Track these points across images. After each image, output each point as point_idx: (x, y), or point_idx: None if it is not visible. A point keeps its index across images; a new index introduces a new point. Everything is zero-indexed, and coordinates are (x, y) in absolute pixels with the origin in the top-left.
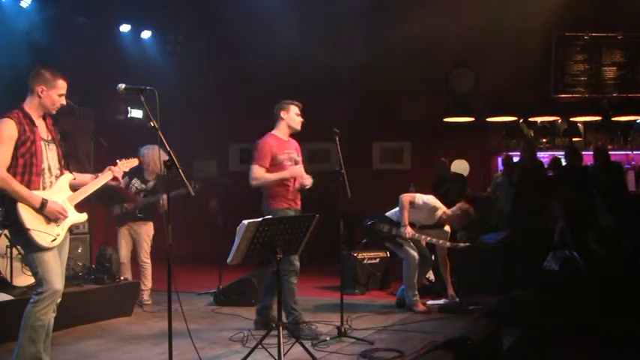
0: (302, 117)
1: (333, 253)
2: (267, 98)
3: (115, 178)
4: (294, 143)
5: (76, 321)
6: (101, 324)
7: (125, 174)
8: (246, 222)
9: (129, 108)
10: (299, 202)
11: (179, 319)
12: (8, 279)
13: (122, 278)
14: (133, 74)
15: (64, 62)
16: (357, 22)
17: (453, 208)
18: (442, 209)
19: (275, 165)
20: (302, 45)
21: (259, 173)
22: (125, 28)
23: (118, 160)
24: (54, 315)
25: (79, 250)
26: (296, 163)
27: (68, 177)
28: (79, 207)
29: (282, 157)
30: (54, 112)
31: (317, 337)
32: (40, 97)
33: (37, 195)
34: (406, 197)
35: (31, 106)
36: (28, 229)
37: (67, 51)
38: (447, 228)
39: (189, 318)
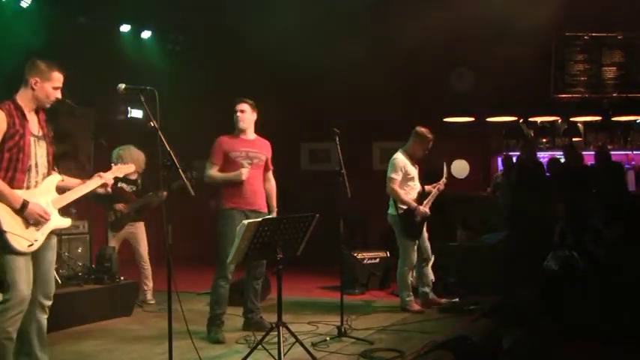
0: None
1: (333, 253)
2: (268, 98)
3: (104, 185)
4: (261, 142)
5: (76, 321)
6: (101, 324)
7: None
8: (246, 222)
9: (129, 108)
10: (259, 203)
11: (179, 319)
12: None
13: (122, 278)
14: (133, 74)
15: (64, 62)
16: (357, 22)
17: (408, 142)
18: (399, 153)
19: (229, 162)
20: (303, 45)
21: (209, 171)
22: (125, 28)
23: (112, 165)
24: (46, 316)
25: (79, 250)
26: (251, 161)
27: (56, 178)
28: (79, 207)
29: (235, 155)
30: (48, 105)
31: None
32: (33, 89)
33: (19, 195)
34: (393, 187)
35: (23, 99)
36: (5, 232)
37: (67, 51)
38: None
39: (189, 318)
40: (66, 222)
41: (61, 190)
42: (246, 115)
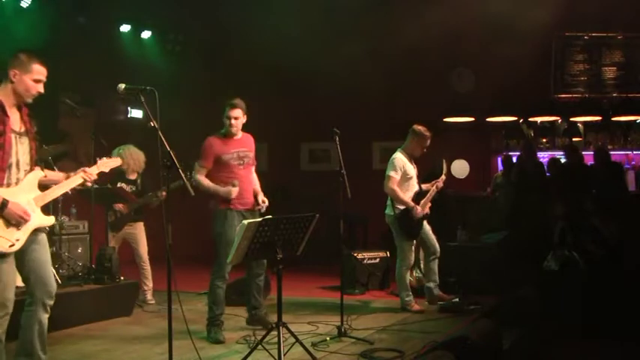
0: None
1: (333, 253)
2: (268, 98)
3: (84, 182)
4: (247, 139)
5: (76, 321)
6: (101, 324)
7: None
8: (246, 222)
9: (129, 108)
10: (250, 201)
11: (179, 319)
12: None
13: (122, 278)
14: (133, 74)
15: (64, 62)
16: (357, 22)
17: (406, 141)
18: (398, 153)
19: (220, 164)
20: (303, 45)
21: (198, 175)
22: (125, 28)
23: (98, 159)
24: (47, 316)
25: (79, 250)
26: (242, 162)
27: (38, 174)
28: (78, 206)
29: (228, 157)
30: (29, 100)
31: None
32: (12, 81)
33: None
34: (391, 186)
35: (4, 94)
36: None
37: (67, 51)
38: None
39: (189, 318)
40: (49, 220)
41: (44, 186)
42: (239, 122)
